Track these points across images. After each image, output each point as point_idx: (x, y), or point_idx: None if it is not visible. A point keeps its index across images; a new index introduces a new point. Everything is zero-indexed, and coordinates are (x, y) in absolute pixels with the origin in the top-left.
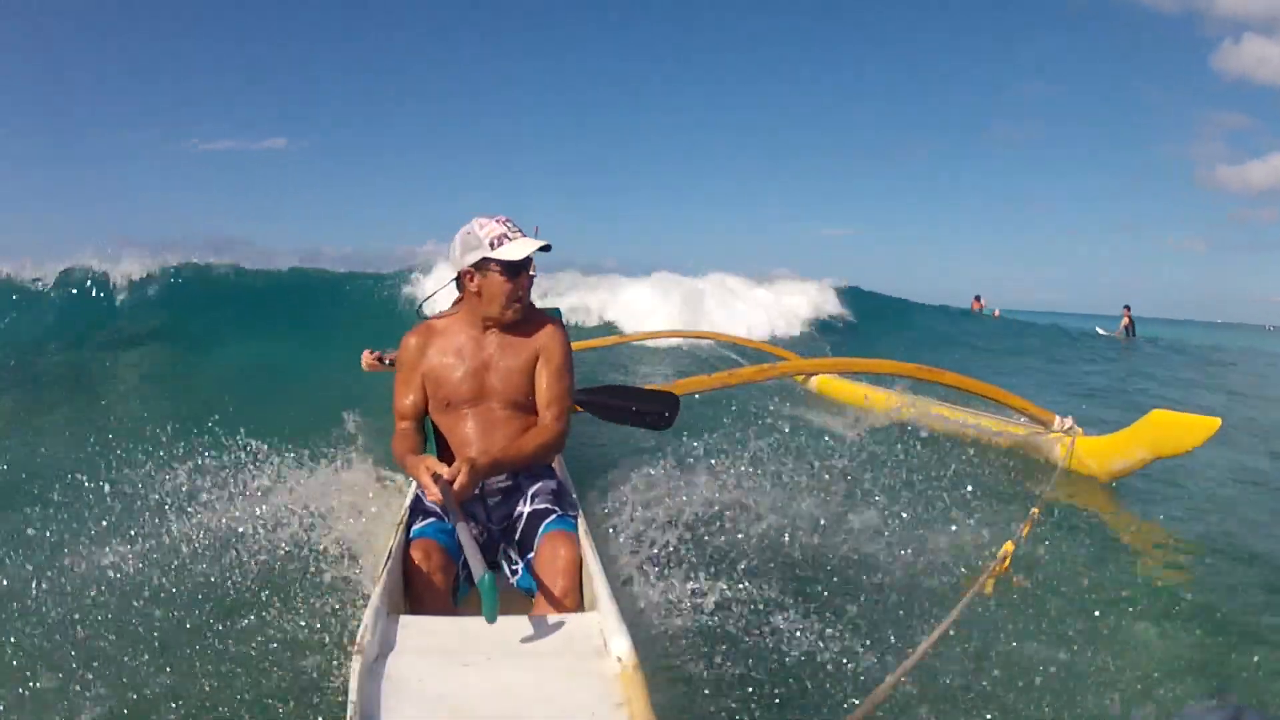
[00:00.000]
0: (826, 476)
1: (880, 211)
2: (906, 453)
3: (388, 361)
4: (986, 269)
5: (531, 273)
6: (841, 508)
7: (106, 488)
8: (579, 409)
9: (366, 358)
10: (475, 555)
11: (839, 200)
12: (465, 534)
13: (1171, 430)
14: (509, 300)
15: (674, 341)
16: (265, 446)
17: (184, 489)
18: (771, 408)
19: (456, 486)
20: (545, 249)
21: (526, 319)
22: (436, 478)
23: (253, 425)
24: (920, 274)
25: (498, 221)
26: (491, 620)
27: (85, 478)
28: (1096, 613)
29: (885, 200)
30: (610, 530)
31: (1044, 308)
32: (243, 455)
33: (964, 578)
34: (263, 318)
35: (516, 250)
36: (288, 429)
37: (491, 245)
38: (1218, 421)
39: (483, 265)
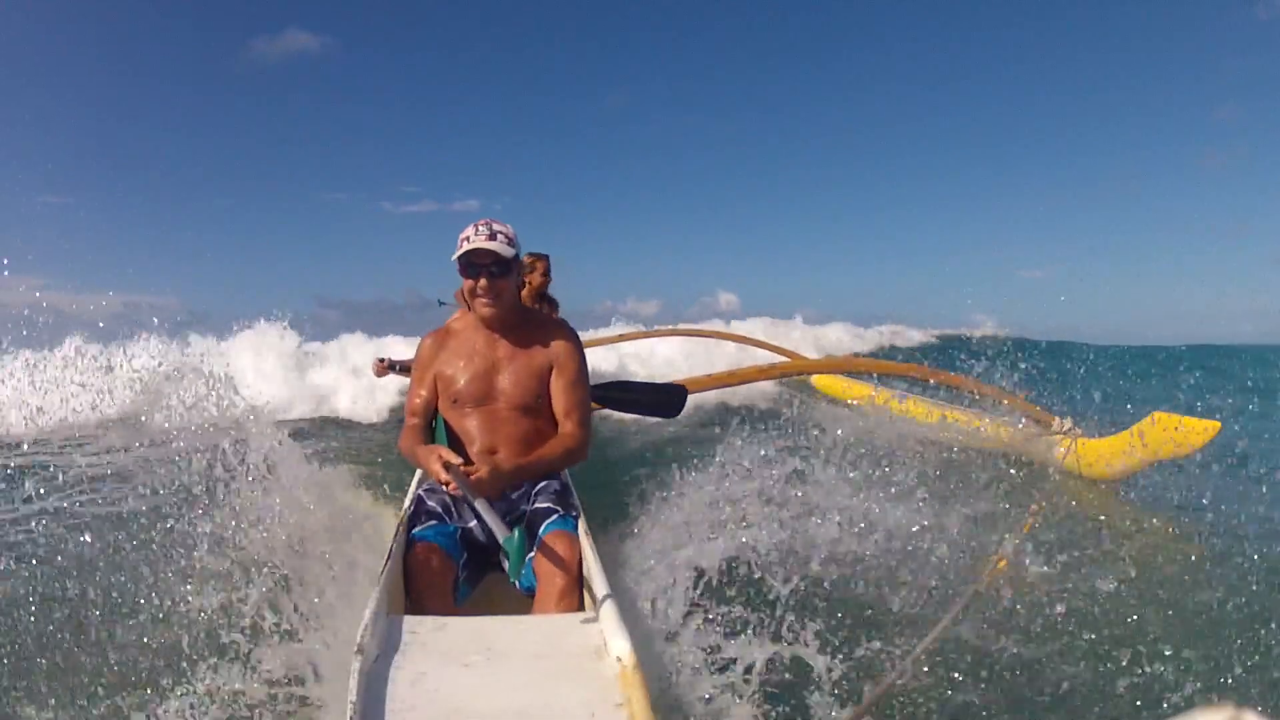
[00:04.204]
0: (826, 477)
1: (1080, 252)
2: (907, 452)
3: (398, 368)
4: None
5: (524, 276)
6: (841, 507)
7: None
8: (596, 405)
9: (376, 365)
10: (496, 521)
11: (1035, 241)
12: (484, 506)
13: (1171, 433)
14: (473, 296)
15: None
16: None
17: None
18: (771, 409)
19: (473, 479)
20: (491, 253)
21: (538, 324)
22: (448, 465)
23: None
24: (1120, 315)
25: (474, 225)
26: (514, 579)
27: None
28: (1096, 613)
29: (1084, 241)
30: (610, 531)
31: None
32: None
33: (963, 576)
34: None
35: (465, 248)
36: None
37: (459, 247)
38: (1217, 425)
39: (460, 266)
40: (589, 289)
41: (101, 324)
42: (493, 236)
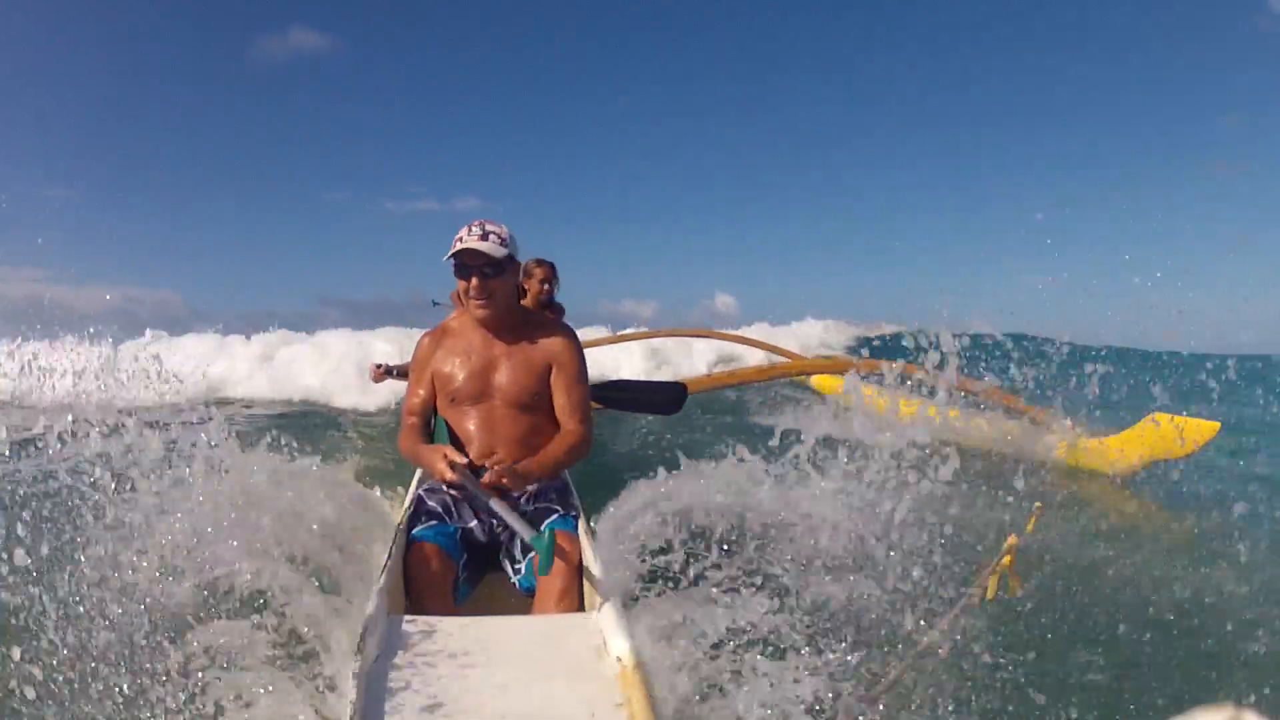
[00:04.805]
0: (825, 476)
1: (1085, 257)
2: (905, 452)
3: (395, 372)
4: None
5: (523, 283)
6: (839, 508)
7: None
8: (598, 405)
9: (373, 370)
10: (518, 521)
11: (1039, 245)
12: (503, 507)
13: (1171, 433)
14: (467, 297)
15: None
16: None
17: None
18: (770, 408)
19: (486, 478)
20: (481, 254)
21: (536, 324)
22: (454, 465)
23: None
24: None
25: (467, 226)
26: (545, 573)
27: None
28: (1095, 613)
29: (1090, 247)
30: (610, 531)
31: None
32: None
33: (964, 577)
34: None
35: (455, 248)
36: None
37: (452, 248)
38: (1217, 425)
39: (454, 267)
40: (586, 289)
41: (98, 327)
42: (485, 237)
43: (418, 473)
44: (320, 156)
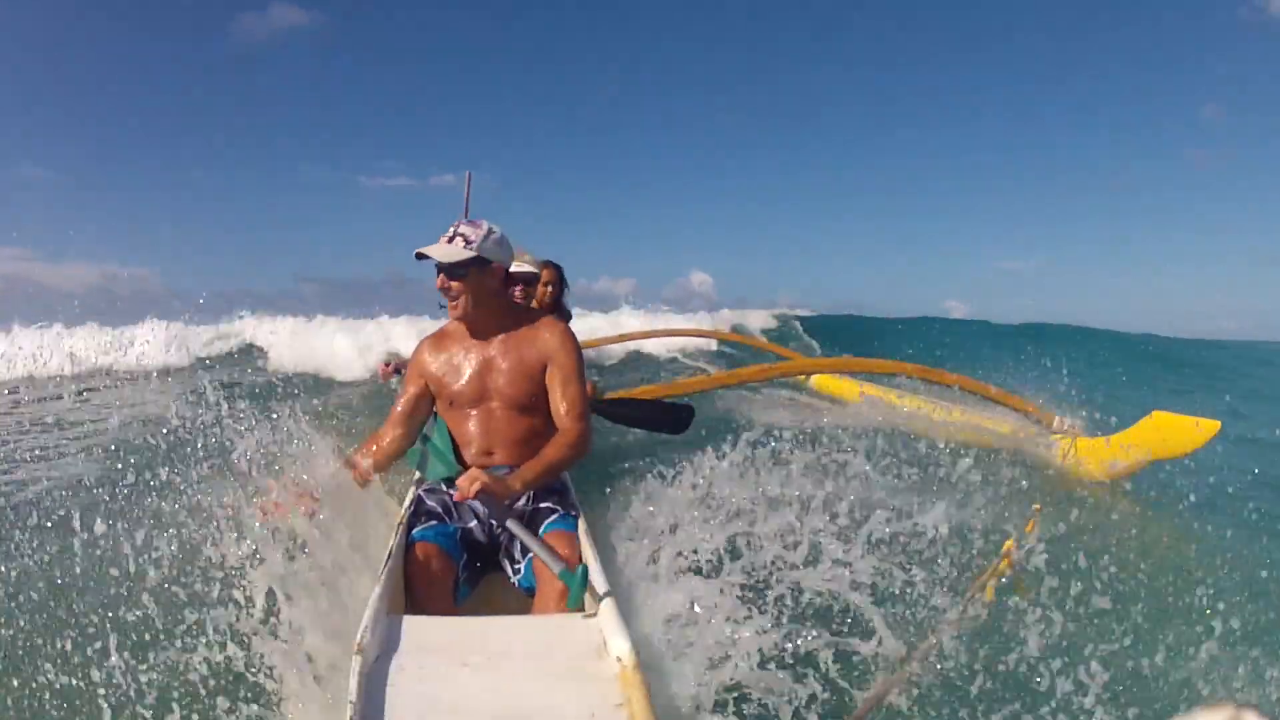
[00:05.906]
0: (824, 477)
1: (1066, 243)
2: (905, 452)
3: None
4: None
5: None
6: (838, 507)
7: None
8: (607, 420)
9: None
10: (545, 551)
11: (1018, 230)
12: (535, 541)
13: (1171, 432)
14: (443, 298)
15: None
16: None
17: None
18: (770, 409)
19: (459, 481)
20: (441, 258)
21: (531, 323)
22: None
23: None
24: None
25: (452, 225)
26: (572, 606)
27: None
28: (1095, 613)
29: (1072, 231)
30: (610, 531)
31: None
32: None
33: (963, 579)
34: None
35: (425, 251)
36: None
37: None
38: (1218, 424)
39: None
40: (565, 267)
41: (77, 303)
42: (452, 239)
43: (417, 473)
44: (297, 133)
